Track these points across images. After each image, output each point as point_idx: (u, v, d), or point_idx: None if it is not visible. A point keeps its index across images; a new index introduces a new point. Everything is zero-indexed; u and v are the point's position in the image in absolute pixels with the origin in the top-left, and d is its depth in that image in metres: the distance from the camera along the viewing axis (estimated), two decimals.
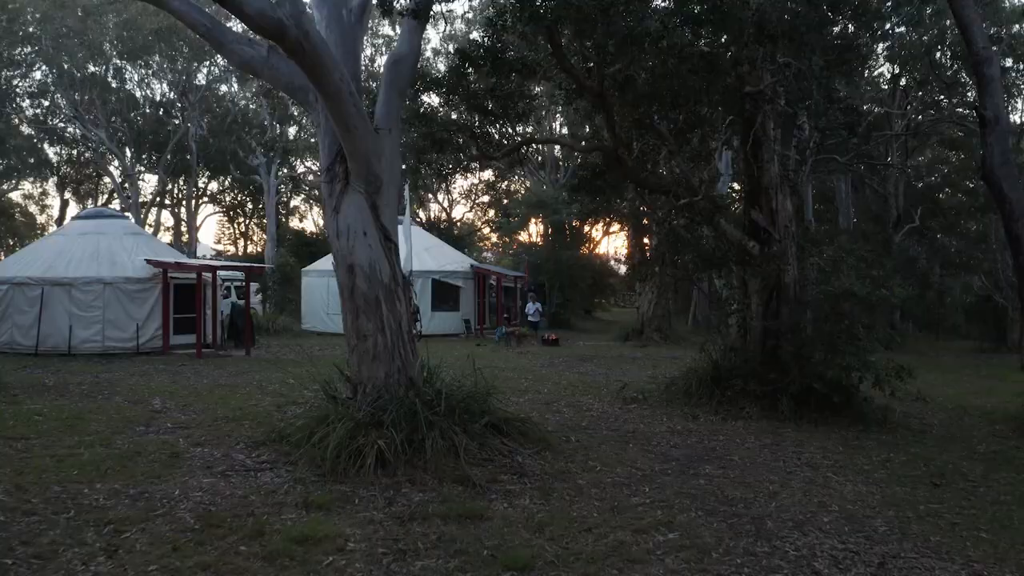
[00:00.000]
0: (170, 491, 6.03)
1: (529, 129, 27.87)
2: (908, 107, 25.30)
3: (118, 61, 33.11)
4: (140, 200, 41.11)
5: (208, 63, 33.67)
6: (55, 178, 43.82)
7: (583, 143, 11.36)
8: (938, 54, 25.35)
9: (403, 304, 7.49)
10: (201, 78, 34.43)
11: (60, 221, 42.32)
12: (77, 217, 20.47)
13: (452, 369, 12.38)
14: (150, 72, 34.34)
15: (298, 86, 8.29)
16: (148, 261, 15.85)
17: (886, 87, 26.77)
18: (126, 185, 37.26)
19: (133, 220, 36.75)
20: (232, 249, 51.64)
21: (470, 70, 8.91)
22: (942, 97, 26.59)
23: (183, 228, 42.71)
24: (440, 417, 6.63)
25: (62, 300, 15.42)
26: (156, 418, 8.92)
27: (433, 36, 43.09)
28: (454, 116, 10.49)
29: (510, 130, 10.43)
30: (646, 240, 23.38)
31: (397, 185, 8.24)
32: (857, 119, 14.10)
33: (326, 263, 26.94)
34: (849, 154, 19.88)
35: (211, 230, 79.62)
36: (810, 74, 8.34)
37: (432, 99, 10.40)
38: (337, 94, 7.26)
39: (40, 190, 47.00)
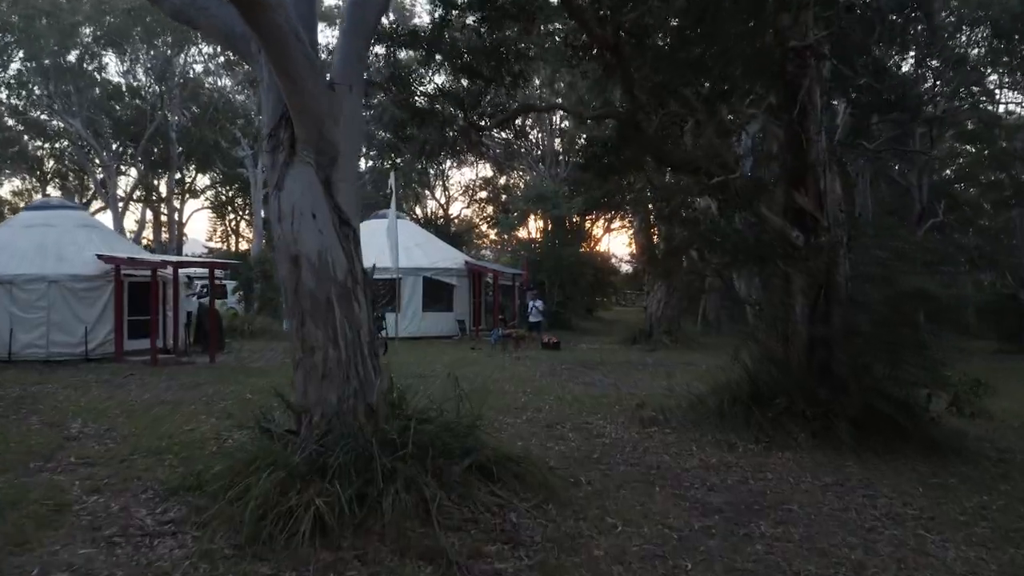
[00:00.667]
0: (27, 569, 4.32)
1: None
2: (935, 92, 23.52)
3: (95, 47, 31.32)
4: (126, 195, 39.50)
5: (188, 48, 31.89)
6: (38, 172, 42.14)
7: (594, 110, 9.66)
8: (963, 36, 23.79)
9: (363, 307, 5.76)
10: (182, 63, 32.62)
11: None
12: (26, 208, 18.69)
13: (437, 380, 10.59)
14: (128, 58, 32.54)
15: (239, 34, 6.60)
16: (99, 256, 14.09)
17: (909, 70, 25.07)
18: (107, 179, 35.50)
19: (111, 215, 35.25)
20: (223, 246, 49.87)
21: (455, 17, 7.17)
22: (962, 88, 25.00)
23: (163, 224, 40.88)
24: (406, 463, 4.89)
25: (1, 300, 13.67)
26: (65, 448, 7.18)
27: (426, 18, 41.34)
28: (438, 82, 8.72)
29: (504, 96, 8.70)
30: (654, 234, 21.58)
31: (358, 156, 6.51)
32: (905, 91, 12.45)
33: None
34: (878, 140, 18.26)
35: (204, 227, 77.74)
36: (877, 19, 6.58)
37: (410, 58, 8.66)
38: (280, 38, 5.56)
39: (30, 186, 45.35)
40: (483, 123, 8.43)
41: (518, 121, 9.20)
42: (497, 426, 8.28)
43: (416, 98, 8.39)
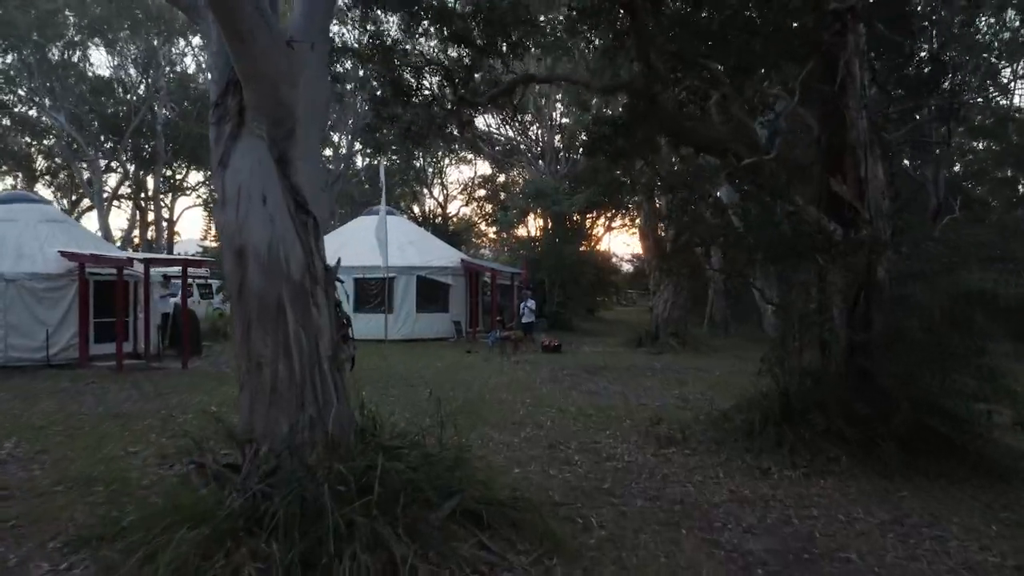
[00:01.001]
0: None
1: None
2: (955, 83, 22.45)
3: (77, 36, 30.22)
4: (118, 192, 38.37)
5: (176, 41, 30.82)
6: (27, 170, 41.05)
7: (604, 83, 8.48)
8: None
9: (323, 312, 4.70)
10: (169, 56, 31.51)
11: None
12: None
13: (427, 391, 9.65)
14: (112, 49, 31.43)
15: None
16: (61, 253, 13.01)
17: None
18: (92, 175, 34.40)
19: (97, 213, 34.15)
20: (218, 245, 48.68)
21: None
22: (975, 80, 24.01)
23: (150, 222, 39.76)
24: (371, 513, 3.82)
25: None
26: None
27: None
28: (424, 53, 7.64)
29: (500, 71, 7.64)
30: (662, 229, 20.45)
31: (322, 128, 5.45)
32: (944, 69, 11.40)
33: None
34: (897, 131, 17.19)
35: (200, 225, 76.13)
36: None
37: (391, 25, 7.60)
38: None
39: (22, 184, 44.26)
40: (476, 99, 7.39)
41: (514, 107, 8.12)
42: (492, 447, 7.23)
43: (399, 72, 7.33)
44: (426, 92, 7.75)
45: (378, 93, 7.79)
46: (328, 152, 41.05)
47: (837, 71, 7.42)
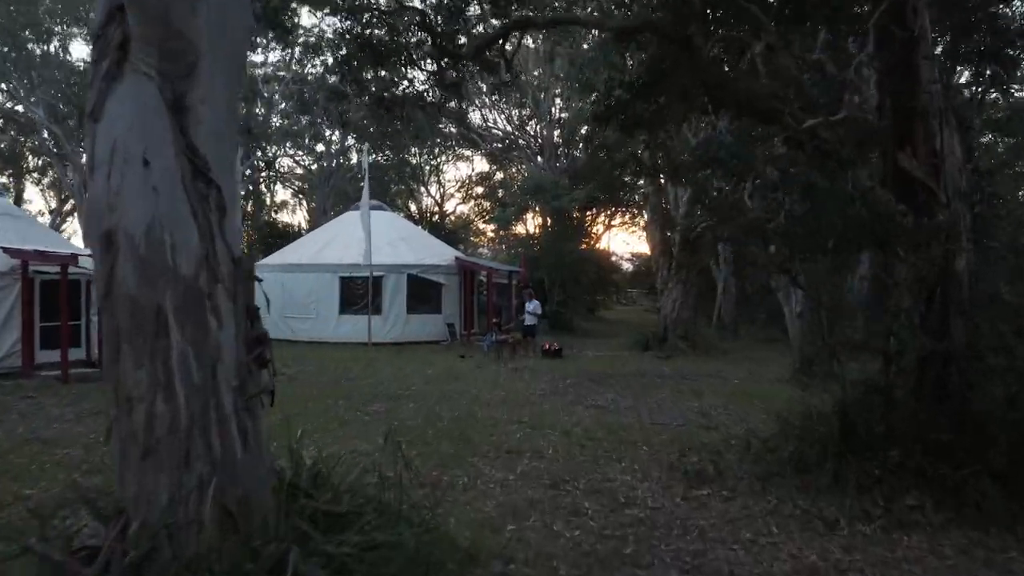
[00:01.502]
0: None
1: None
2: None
3: (50, 21, 28.84)
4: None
5: None
6: (14, 167, 39.65)
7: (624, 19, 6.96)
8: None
9: (227, 324, 3.28)
10: None
11: None
12: None
13: (410, 404, 8.24)
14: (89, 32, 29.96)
15: None
16: (4, 250, 11.58)
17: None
18: (71, 170, 32.98)
19: (77, 211, 32.69)
20: None
21: None
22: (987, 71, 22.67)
23: None
24: None
25: None
26: None
27: None
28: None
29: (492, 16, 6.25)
30: (667, 222, 19.02)
31: (238, 68, 3.99)
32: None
33: (277, 256, 22.50)
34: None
35: None
36: None
37: None
38: None
39: (12, 184, 42.96)
40: (460, 52, 5.97)
41: (508, 62, 6.72)
42: (480, 486, 5.82)
43: (364, 20, 5.91)
44: (402, 49, 6.33)
45: (342, 52, 6.30)
46: (320, 147, 39.69)
47: (905, 20, 6.04)
